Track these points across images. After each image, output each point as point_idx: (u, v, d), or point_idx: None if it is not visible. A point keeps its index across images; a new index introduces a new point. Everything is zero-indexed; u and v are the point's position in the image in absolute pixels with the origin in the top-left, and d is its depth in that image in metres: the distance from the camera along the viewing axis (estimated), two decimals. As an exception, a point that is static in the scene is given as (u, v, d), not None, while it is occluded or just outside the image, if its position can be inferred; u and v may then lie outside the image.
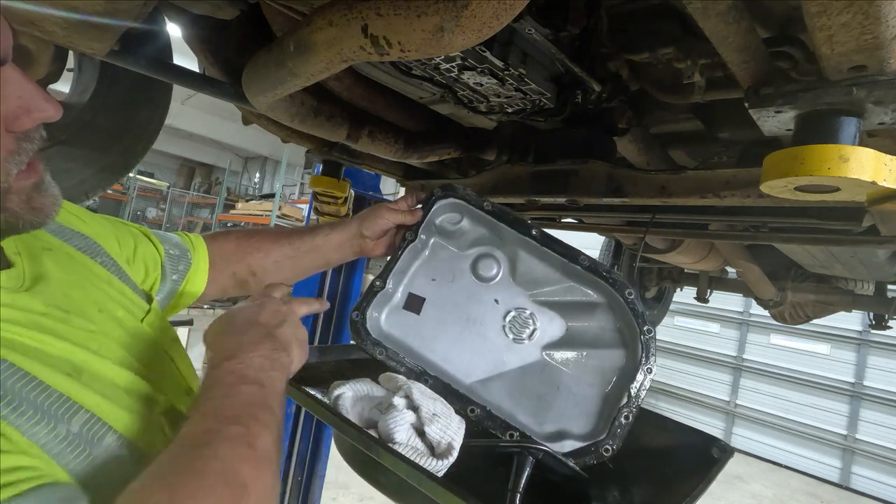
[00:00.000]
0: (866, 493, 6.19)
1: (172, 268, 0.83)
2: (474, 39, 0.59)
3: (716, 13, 0.63)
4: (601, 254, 3.13)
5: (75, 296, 0.58)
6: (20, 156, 0.47)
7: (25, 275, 0.55)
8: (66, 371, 0.49)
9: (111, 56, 0.92)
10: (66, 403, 0.47)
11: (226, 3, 0.91)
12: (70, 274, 0.61)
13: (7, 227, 0.48)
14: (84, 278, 0.62)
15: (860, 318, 6.17)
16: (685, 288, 3.27)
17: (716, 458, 0.79)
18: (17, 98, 0.45)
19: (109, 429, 0.49)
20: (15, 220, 0.48)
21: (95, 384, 0.51)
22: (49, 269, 0.58)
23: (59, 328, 0.52)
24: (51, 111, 0.47)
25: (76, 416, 0.47)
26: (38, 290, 0.54)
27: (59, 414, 0.46)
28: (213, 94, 1.11)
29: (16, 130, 0.46)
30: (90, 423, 0.48)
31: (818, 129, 0.65)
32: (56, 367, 0.49)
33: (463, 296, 0.88)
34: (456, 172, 1.67)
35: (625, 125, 1.21)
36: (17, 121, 0.46)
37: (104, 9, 0.72)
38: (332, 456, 2.62)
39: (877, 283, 2.45)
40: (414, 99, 1.29)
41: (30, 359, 0.47)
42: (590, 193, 1.21)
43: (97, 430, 0.48)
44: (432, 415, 0.70)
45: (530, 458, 0.71)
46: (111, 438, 0.49)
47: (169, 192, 17.70)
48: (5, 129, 0.45)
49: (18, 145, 0.47)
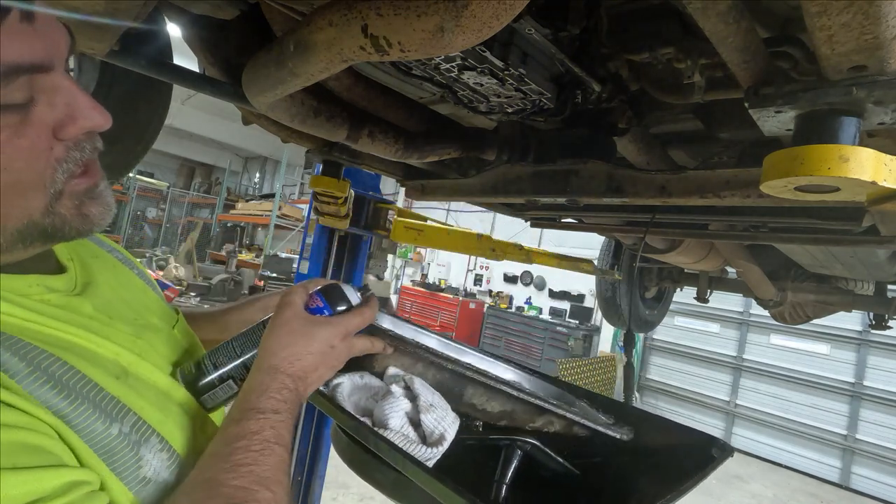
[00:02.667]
0: (866, 493, 6.19)
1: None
2: (474, 39, 0.59)
3: (716, 13, 0.63)
4: (601, 254, 3.14)
5: (118, 302, 0.61)
6: (68, 163, 0.48)
7: (77, 279, 0.57)
8: (114, 373, 0.52)
9: (111, 56, 0.92)
10: (118, 405, 0.49)
11: (226, 3, 0.91)
12: (114, 281, 0.63)
13: (53, 232, 0.49)
14: (125, 287, 0.65)
15: (860, 318, 6.17)
16: (685, 288, 3.27)
17: (715, 457, 0.79)
18: (66, 105, 0.46)
19: (154, 431, 0.52)
20: (63, 224, 0.49)
21: (140, 387, 0.54)
22: (97, 275, 0.61)
23: (107, 331, 0.54)
24: (98, 120, 0.48)
25: (126, 417, 0.49)
26: (89, 295, 0.56)
27: (113, 413, 0.48)
28: (213, 94, 1.11)
29: (63, 138, 0.47)
30: (138, 424, 0.50)
31: (818, 129, 0.65)
32: (106, 368, 0.51)
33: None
34: (456, 172, 1.67)
35: (625, 125, 1.21)
36: (63, 129, 0.46)
37: (104, 9, 0.72)
38: (332, 456, 2.62)
39: (877, 283, 2.45)
40: (414, 99, 1.29)
41: (84, 360, 0.49)
42: (590, 193, 1.21)
43: (144, 430, 0.51)
44: (429, 405, 0.71)
45: (518, 451, 0.72)
46: (155, 440, 0.51)
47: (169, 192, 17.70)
48: (54, 137, 0.46)
49: (67, 153, 0.47)
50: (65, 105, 0.46)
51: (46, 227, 0.48)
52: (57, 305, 0.51)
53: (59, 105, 0.46)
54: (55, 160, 0.46)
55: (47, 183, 0.46)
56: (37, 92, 0.44)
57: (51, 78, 0.45)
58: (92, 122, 0.48)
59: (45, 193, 0.46)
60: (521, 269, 10.68)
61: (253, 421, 0.55)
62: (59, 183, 0.47)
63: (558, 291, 9.97)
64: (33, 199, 0.46)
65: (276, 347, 0.62)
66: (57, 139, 0.46)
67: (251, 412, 0.56)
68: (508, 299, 10.69)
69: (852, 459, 6.39)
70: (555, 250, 3.05)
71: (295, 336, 0.63)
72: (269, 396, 0.58)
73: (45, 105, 0.45)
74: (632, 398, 5.31)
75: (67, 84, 0.46)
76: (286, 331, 0.64)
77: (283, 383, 0.60)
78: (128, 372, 0.53)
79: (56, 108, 0.46)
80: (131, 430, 0.49)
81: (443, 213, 12.29)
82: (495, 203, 1.85)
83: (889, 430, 6.15)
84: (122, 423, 0.49)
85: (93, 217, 0.51)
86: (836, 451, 6.52)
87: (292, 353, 0.62)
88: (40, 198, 0.46)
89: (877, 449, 6.21)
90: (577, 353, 8.54)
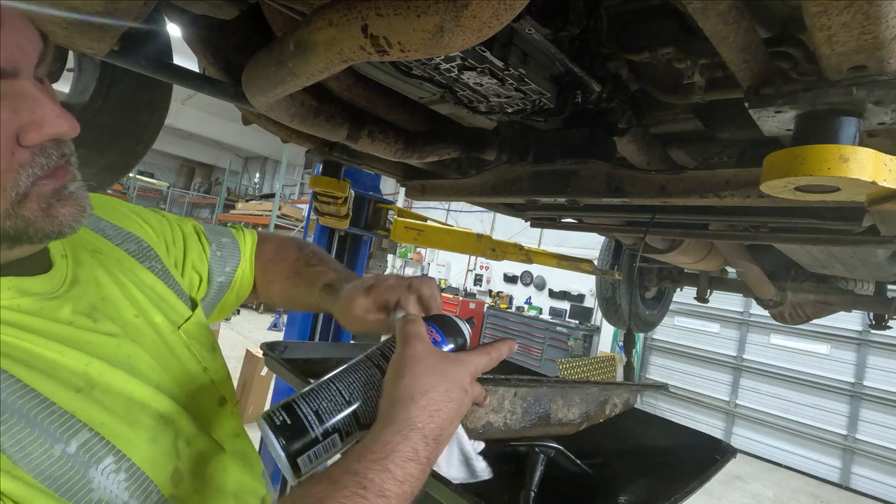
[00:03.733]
0: (866, 493, 6.19)
1: (219, 269, 0.81)
2: (474, 39, 0.59)
3: (716, 13, 0.63)
4: (601, 254, 3.14)
5: (113, 300, 0.59)
6: (33, 168, 0.47)
7: (66, 278, 0.55)
8: (76, 386, 0.49)
9: (111, 56, 0.92)
10: (67, 422, 0.46)
11: (226, 3, 0.91)
12: (114, 277, 0.61)
13: (17, 235, 0.48)
14: (127, 281, 0.62)
15: (860, 318, 6.18)
16: (685, 288, 3.27)
17: (718, 458, 0.79)
18: (30, 112, 0.46)
19: (111, 449, 0.48)
20: (26, 227, 0.48)
21: (107, 399, 0.51)
22: (91, 272, 0.58)
23: (81, 337, 0.52)
24: (64, 127, 0.48)
25: (76, 436, 0.46)
26: (71, 296, 0.54)
27: (57, 433, 0.45)
28: (213, 94, 1.11)
29: (27, 145, 0.46)
30: (90, 443, 0.47)
31: (818, 129, 0.65)
32: (67, 381, 0.48)
33: None
34: (456, 172, 1.67)
35: (625, 125, 1.21)
36: (27, 135, 0.46)
37: (104, 9, 0.71)
38: (332, 456, 2.61)
39: (877, 283, 2.45)
40: (414, 99, 1.29)
41: (38, 372, 0.47)
42: (590, 193, 1.21)
43: (97, 450, 0.47)
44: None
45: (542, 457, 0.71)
46: (110, 459, 0.48)
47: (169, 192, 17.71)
48: (17, 143, 0.46)
49: (32, 158, 0.47)
50: (29, 112, 0.46)
51: (8, 230, 0.47)
52: (27, 311, 0.49)
53: (24, 112, 0.46)
54: (18, 165, 0.46)
55: (8, 187, 0.46)
56: (0, 98, 0.44)
57: (15, 84, 0.45)
58: (57, 129, 0.47)
59: (6, 197, 0.46)
60: (521, 269, 10.68)
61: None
62: (22, 187, 0.46)
63: (558, 291, 9.97)
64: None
65: (412, 391, 0.48)
66: (20, 145, 0.46)
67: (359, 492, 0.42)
68: (508, 299, 10.69)
69: (852, 459, 6.39)
70: (555, 250, 3.05)
71: (433, 378, 0.50)
72: (391, 473, 0.44)
73: (8, 111, 0.45)
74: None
75: (33, 91, 0.46)
76: (421, 370, 0.50)
77: (415, 448, 0.46)
78: (95, 383, 0.50)
79: (20, 115, 0.46)
80: (78, 450, 0.46)
81: (443, 213, 12.30)
82: (495, 203, 1.85)
83: (889, 430, 6.15)
84: (66, 444, 0.45)
85: (62, 218, 0.50)
86: (836, 451, 6.52)
87: (432, 402, 0.48)
88: (1, 202, 0.46)
89: (877, 449, 6.21)
90: (577, 353, 8.55)
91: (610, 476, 0.81)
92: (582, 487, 0.79)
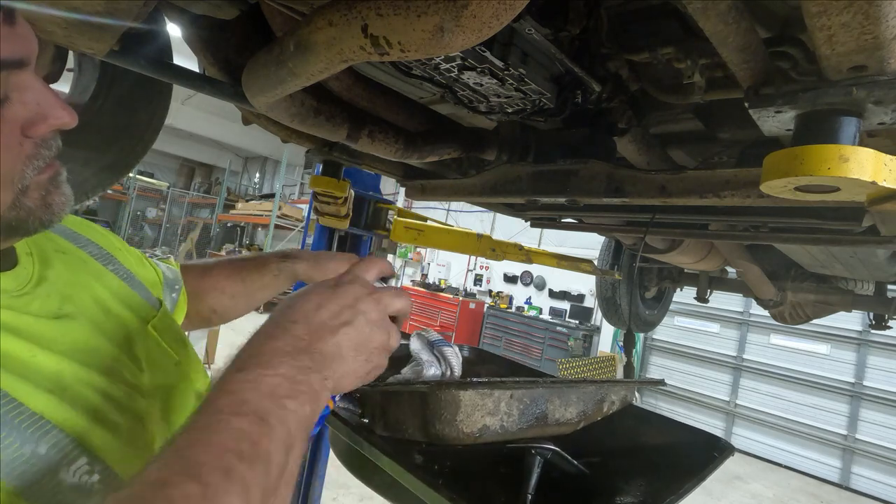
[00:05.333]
0: (866, 493, 6.20)
1: (168, 292, 0.82)
2: (474, 39, 0.59)
3: (716, 13, 0.63)
4: (601, 254, 3.14)
5: (80, 298, 0.58)
6: (37, 160, 0.48)
7: (33, 276, 0.55)
8: (47, 386, 0.47)
9: (111, 56, 0.92)
10: (37, 423, 0.45)
11: (226, 3, 0.91)
12: (79, 276, 0.60)
13: (18, 225, 0.48)
14: (93, 281, 0.62)
15: (860, 318, 6.18)
16: (685, 288, 3.27)
17: (716, 456, 0.79)
18: (35, 104, 0.47)
19: (82, 451, 0.47)
20: (27, 216, 0.48)
21: (78, 399, 0.49)
22: (57, 271, 0.58)
23: (49, 336, 0.51)
24: (66, 118, 0.48)
25: (46, 437, 0.45)
26: (38, 294, 0.53)
27: (28, 433, 0.44)
28: (213, 94, 1.11)
29: (32, 136, 0.47)
30: (60, 444, 0.45)
31: (818, 129, 0.65)
32: (37, 382, 0.47)
33: None
34: (456, 172, 1.67)
35: (625, 125, 1.21)
36: (33, 126, 0.47)
37: (104, 9, 0.71)
38: (332, 456, 2.62)
39: (877, 283, 2.45)
40: (414, 99, 1.29)
41: (9, 372, 0.45)
42: (590, 193, 1.21)
43: (69, 451, 0.46)
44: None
45: (538, 459, 0.71)
46: (82, 461, 0.46)
47: (169, 192, 17.72)
48: (23, 135, 0.46)
49: (37, 150, 0.48)
50: (35, 104, 0.47)
51: (11, 221, 0.48)
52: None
53: (31, 103, 0.46)
54: (25, 157, 0.47)
55: (15, 179, 0.46)
56: (10, 90, 0.45)
57: (24, 76, 0.46)
58: (61, 120, 0.48)
59: (13, 189, 0.46)
60: (521, 269, 10.68)
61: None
62: (27, 178, 0.47)
63: (558, 291, 9.97)
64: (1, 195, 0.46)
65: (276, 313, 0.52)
66: (26, 136, 0.46)
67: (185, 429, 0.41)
68: (508, 299, 10.69)
69: (852, 459, 6.39)
70: (555, 250, 3.05)
71: (307, 296, 0.53)
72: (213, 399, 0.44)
73: (18, 103, 0.46)
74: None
75: (36, 83, 0.47)
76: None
77: (230, 384, 0.46)
78: (65, 385, 0.49)
79: (27, 107, 0.46)
80: (49, 451, 0.44)
81: (443, 213, 12.30)
82: (495, 203, 1.85)
83: (889, 430, 6.15)
84: (37, 445, 0.44)
85: (55, 206, 0.50)
86: (836, 451, 6.52)
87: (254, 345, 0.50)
88: (8, 194, 0.46)
89: (877, 449, 6.21)
90: (577, 353, 8.55)
91: (607, 475, 0.80)
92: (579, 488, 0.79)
